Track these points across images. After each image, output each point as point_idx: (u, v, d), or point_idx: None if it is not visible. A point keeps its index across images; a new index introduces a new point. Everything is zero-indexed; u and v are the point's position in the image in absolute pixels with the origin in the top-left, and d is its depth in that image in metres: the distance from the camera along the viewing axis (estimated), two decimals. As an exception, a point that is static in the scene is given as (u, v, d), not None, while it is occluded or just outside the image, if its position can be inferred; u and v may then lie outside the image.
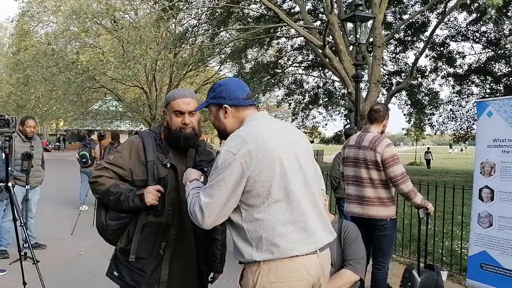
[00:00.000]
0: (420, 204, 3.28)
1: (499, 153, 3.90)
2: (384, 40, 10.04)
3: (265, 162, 1.58)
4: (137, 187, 1.95)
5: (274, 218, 1.59)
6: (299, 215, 1.62)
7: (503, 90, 16.73)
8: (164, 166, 1.96)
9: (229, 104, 1.75)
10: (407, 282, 3.41)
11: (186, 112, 1.99)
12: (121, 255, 1.98)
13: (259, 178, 1.58)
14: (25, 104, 22.94)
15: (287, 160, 1.63)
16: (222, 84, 1.81)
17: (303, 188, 1.67)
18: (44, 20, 20.38)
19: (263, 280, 1.59)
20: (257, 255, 1.59)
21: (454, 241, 5.42)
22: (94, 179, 1.99)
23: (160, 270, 1.93)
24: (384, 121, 3.48)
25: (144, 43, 11.95)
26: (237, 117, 1.76)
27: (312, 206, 1.69)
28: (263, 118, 1.74)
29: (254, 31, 12.88)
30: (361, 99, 8.58)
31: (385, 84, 18.50)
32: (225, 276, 2.36)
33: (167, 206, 1.95)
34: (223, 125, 1.79)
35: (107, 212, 1.98)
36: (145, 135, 2.04)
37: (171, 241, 1.95)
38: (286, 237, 1.58)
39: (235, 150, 1.58)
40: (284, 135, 1.71)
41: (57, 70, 17.34)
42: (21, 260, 3.79)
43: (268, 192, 1.59)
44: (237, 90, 1.77)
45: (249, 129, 1.66)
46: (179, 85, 20.94)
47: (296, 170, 1.66)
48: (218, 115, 1.79)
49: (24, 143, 4.97)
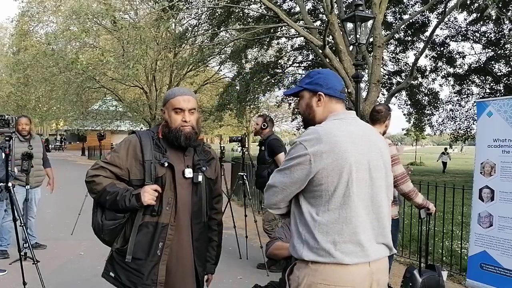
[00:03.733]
0: (422, 204, 3.27)
1: (499, 153, 3.90)
2: (384, 40, 10.03)
3: (335, 167, 1.56)
4: (134, 187, 1.93)
5: (330, 224, 1.57)
6: (356, 226, 1.58)
7: (503, 90, 16.73)
8: (162, 166, 1.93)
9: (325, 92, 1.72)
10: (408, 282, 3.40)
11: (186, 110, 1.97)
12: (118, 255, 1.96)
13: (325, 181, 1.56)
14: (25, 104, 22.98)
15: (357, 169, 1.59)
16: (321, 72, 1.78)
17: (368, 200, 1.63)
18: (44, 20, 20.38)
19: (309, 279, 1.60)
20: (307, 254, 1.60)
21: (454, 241, 5.42)
22: (91, 179, 1.96)
23: (158, 270, 1.91)
24: (386, 122, 3.49)
25: (144, 43, 11.96)
26: (328, 108, 1.74)
27: (373, 218, 1.65)
28: (346, 119, 1.70)
29: (254, 31, 12.86)
30: (361, 99, 8.57)
31: (385, 84, 18.49)
32: (225, 276, 2.37)
33: (165, 205, 1.93)
34: (313, 113, 1.76)
35: (103, 212, 1.95)
36: (143, 134, 2.02)
37: (168, 241, 1.93)
38: (338, 245, 1.57)
39: (308, 146, 1.58)
40: (363, 142, 1.65)
41: (57, 70, 17.38)
42: (21, 260, 3.78)
43: (331, 197, 1.57)
44: (335, 81, 1.75)
45: (328, 128, 1.63)
46: (179, 85, 20.95)
47: (365, 180, 1.62)
48: (311, 102, 1.76)
49: (22, 143, 4.96)
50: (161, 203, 1.92)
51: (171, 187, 1.94)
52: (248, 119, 31.99)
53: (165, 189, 1.92)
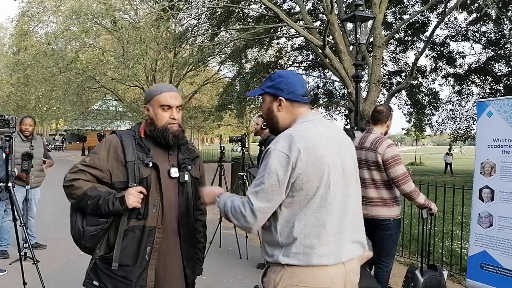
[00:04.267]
0: (424, 204, 3.27)
1: (499, 153, 3.90)
2: (384, 40, 10.03)
3: (314, 171, 1.55)
4: (117, 190, 1.82)
5: (309, 226, 1.56)
6: (332, 228, 1.59)
7: (503, 90, 16.73)
8: (146, 166, 1.84)
9: (286, 97, 1.68)
10: (410, 282, 3.40)
11: (174, 107, 1.89)
12: (102, 263, 1.84)
13: (305, 186, 1.54)
14: (25, 104, 23.00)
15: (334, 170, 1.59)
16: (282, 75, 1.73)
17: (342, 200, 1.63)
18: (44, 20, 20.37)
19: (285, 282, 1.58)
20: (283, 258, 1.57)
21: (454, 241, 5.42)
22: (69, 183, 1.85)
23: (146, 276, 1.82)
24: (387, 122, 3.49)
25: (144, 43, 11.95)
26: (291, 113, 1.70)
27: (349, 218, 1.66)
28: (315, 121, 1.68)
29: (254, 31, 12.87)
30: (361, 99, 8.57)
31: (385, 84, 18.49)
32: (225, 276, 2.36)
33: (151, 208, 1.83)
34: (275, 118, 1.73)
35: (83, 217, 1.85)
36: (123, 134, 1.92)
37: (156, 245, 1.84)
38: (316, 249, 1.56)
39: (288, 152, 1.53)
40: (334, 143, 1.65)
41: (57, 70, 17.38)
42: (21, 260, 3.78)
43: (309, 201, 1.56)
44: (297, 84, 1.70)
45: (302, 132, 1.60)
46: (179, 85, 20.94)
47: (340, 181, 1.62)
48: (272, 107, 1.72)
49: (24, 143, 4.97)
50: (147, 206, 1.83)
51: (156, 188, 1.85)
52: (248, 119, 31.96)
53: (151, 191, 1.84)
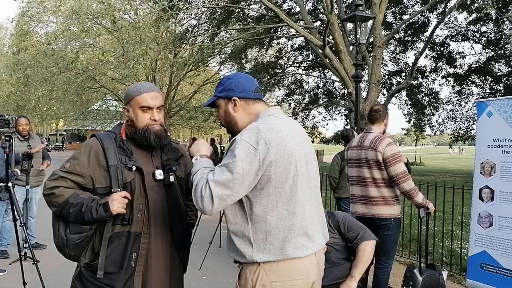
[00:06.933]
0: (422, 203, 3.30)
1: (499, 153, 3.90)
2: (384, 40, 10.02)
3: (282, 163, 1.55)
4: (100, 196, 1.76)
5: (282, 220, 1.56)
6: (303, 219, 1.61)
7: (503, 90, 16.73)
8: (129, 170, 1.78)
9: (239, 96, 1.69)
10: (409, 281, 3.42)
11: (155, 108, 1.84)
12: (87, 271, 1.79)
13: (274, 178, 1.54)
14: (25, 104, 22.96)
15: (300, 162, 1.61)
16: (230, 77, 1.76)
17: (309, 192, 1.66)
18: (44, 20, 20.35)
19: (263, 279, 1.56)
20: (258, 256, 1.56)
21: (454, 241, 5.42)
22: (50, 191, 1.77)
23: (132, 283, 1.76)
24: (385, 120, 3.53)
25: (144, 43, 11.94)
26: (247, 111, 1.71)
27: (315, 209, 1.69)
28: (277, 115, 1.68)
29: (254, 31, 12.86)
30: (361, 99, 8.56)
31: (385, 84, 18.49)
32: (225, 276, 2.36)
33: (136, 213, 1.78)
34: (233, 119, 1.72)
35: (66, 225, 1.77)
36: (104, 137, 1.84)
37: (142, 250, 1.78)
38: (290, 241, 1.56)
39: (254, 144, 1.51)
40: (297, 136, 1.67)
41: (57, 70, 17.35)
42: (21, 260, 3.78)
43: (279, 194, 1.55)
44: (246, 82, 1.73)
45: (268, 125, 1.58)
46: (179, 85, 20.95)
47: (305, 173, 1.64)
48: (228, 109, 1.72)
49: (22, 143, 4.99)
50: (131, 211, 1.77)
51: (141, 192, 1.80)
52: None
53: (135, 195, 1.78)
